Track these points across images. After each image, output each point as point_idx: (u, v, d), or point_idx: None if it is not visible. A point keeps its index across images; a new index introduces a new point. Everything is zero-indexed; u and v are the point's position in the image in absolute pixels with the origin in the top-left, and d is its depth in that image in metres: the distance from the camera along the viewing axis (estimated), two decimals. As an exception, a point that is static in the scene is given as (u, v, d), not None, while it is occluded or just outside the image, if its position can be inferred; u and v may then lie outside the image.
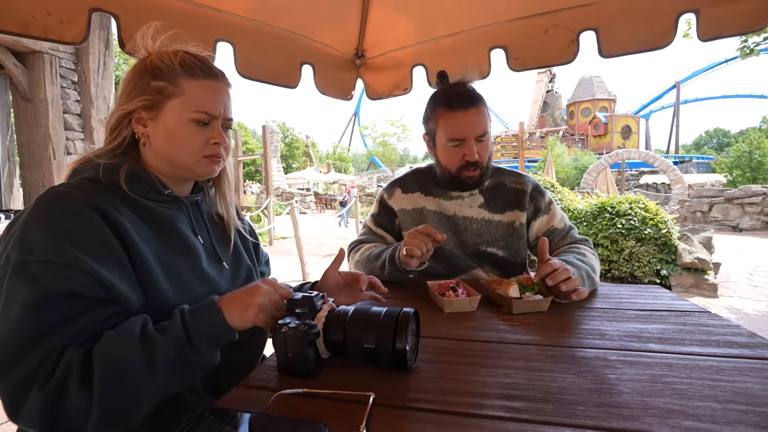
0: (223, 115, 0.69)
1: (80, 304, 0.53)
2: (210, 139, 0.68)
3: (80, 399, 0.49)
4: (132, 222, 0.61)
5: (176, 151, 0.67)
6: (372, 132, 28.53)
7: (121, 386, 0.50)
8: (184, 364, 0.54)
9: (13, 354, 0.50)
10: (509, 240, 1.19)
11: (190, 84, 0.66)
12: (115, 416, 0.50)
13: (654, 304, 0.87)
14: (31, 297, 0.51)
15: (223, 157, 0.71)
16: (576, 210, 4.84)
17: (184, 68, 0.66)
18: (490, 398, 0.50)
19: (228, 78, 0.72)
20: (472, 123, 1.07)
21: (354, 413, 0.46)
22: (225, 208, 0.80)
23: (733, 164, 15.78)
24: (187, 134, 0.67)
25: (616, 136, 27.41)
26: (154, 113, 0.66)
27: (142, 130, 0.67)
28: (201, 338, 0.55)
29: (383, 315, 0.58)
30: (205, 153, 0.69)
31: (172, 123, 0.66)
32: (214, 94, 0.68)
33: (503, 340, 0.69)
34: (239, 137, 9.69)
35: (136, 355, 0.51)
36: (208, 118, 0.67)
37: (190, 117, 0.66)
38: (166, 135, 0.67)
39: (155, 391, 0.53)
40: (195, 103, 0.66)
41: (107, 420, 0.50)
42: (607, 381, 0.54)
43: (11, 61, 3.93)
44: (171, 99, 0.66)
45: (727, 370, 0.57)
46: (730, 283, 4.61)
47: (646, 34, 1.24)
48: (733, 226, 9.38)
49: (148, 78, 0.66)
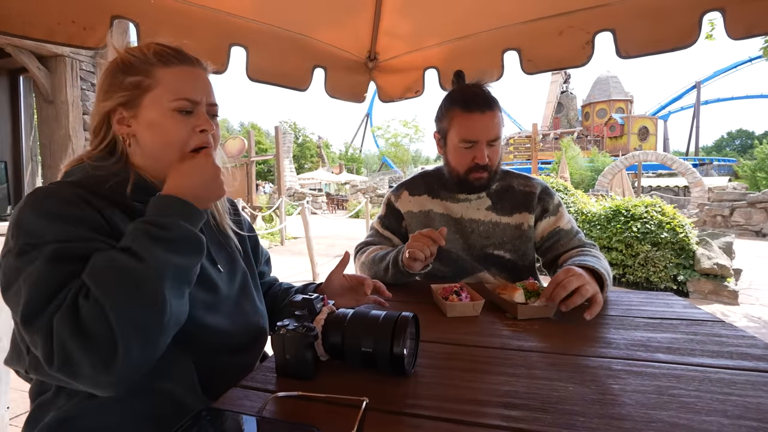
0: (206, 100, 0.66)
1: (95, 243, 0.55)
2: (196, 126, 0.65)
3: (89, 306, 0.49)
4: (122, 221, 0.60)
5: (163, 146, 0.64)
6: (384, 133, 28.56)
7: (115, 279, 0.51)
8: (166, 244, 0.54)
9: (43, 298, 0.50)
10: (517, 243, 1.17)
11: (166, 73, 0.63)
12: (130, 312, 0.50)
13: (664, 312, 0.85)
14: (50, 250, 0.52)
15: (211, 145, 0.68)
16: (590, 213, 4.75)
17: (157, 58, 0.64)
18: (488, 406, 0.49)
19: (205, 63, 0.69)
20: (486, 126, 1.06)
21: (348, 418, 0.46)
22: (217, 208, 0.78)
23: (757, 167, 15.26)
24: (171, 125, 0.63)
25: (632, 137, 26.79)
26: (134, 110, 0.63)
27: (126, 130, 0.64)
28: (166, 216, 0.56)
29: (382, 318, 0.58)
30: (192, 144, 0.65)
31: (153, 117, 0.63)
32: (193, 79, 0.65)
33: (505, 346, 0.68)
34: (252, 138, 9.82)
35: (118, 253, 0.53)
36: (190, 105, 0.64)
37: (171, 107, 0.63)
38: (150, 131, 0.63)
39: (156, 281, 0.52)
40: (174, 92, 0.63)
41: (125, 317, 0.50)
42: (611, 391, 0.52)
43: (35, 64, 4.07)
44: (149, 92, 0.63)
45: (739, 384, 0.54)
46: (752, 290, 4.45)
47: (667, 34, 1.20)
48: (756, 231, 9.06)
49: (122, 75, 0.63)
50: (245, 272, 0.79)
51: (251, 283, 0.79)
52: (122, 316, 0.49)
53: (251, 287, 0.79)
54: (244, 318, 0.74)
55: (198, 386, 0.65)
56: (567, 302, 0.79)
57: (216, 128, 0.69)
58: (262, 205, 10.61)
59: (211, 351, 0.67)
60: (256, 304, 0.78)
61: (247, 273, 0.80)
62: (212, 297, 0.68)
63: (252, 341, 0.75)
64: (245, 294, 0.76)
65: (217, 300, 0.69)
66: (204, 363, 0.66)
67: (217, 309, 0.68)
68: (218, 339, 0.67)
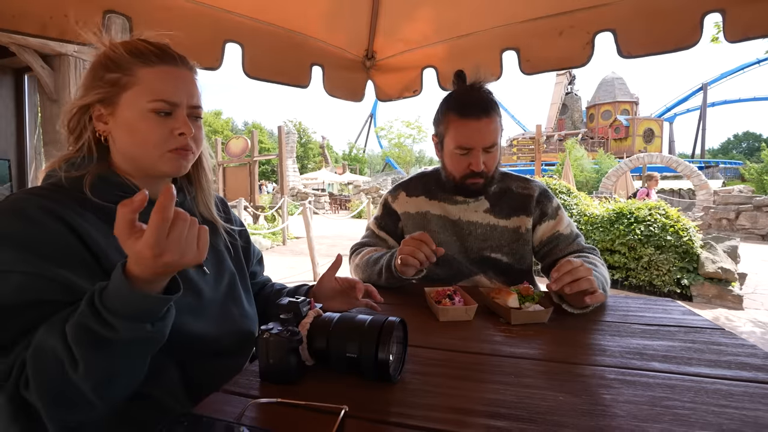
0: (187, 102, 0.64)
1: (46, 308, 0.51)
2: (174, 129, 0.62)
3: (31, 398, 0.49)
4: (98, 229, 0.58)
5: (139, 147, 0.62)
6: (388, 133, 28.53)
7: (49, 387, 0.48)
8: (107, 349, 0.47)
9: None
10: (514, 246, 1.16)
11: (146, 72, 0.61)
12: (66, 404, 0.49)
13: (662, 319, 0.83)
14: (15, 283, 0.50)
15: (191, 149, 0.65)
16: (593, 215, 4.70)
17: (138, 56, 0.61)
18: (473, 416, 0.48)
19: (191, 63, 0.67)
20: (481, 133, 1.04)
21: (328, 425, 0.44)
22: (206, 207, 0.76)
23: (764, 170, 15.09)
24: (147, 127, 0.61)
25: (637, 139, 26.62)
26: (111, 108, 0.62)
27: (103, 127, 0.63)
28: (115, 315, 0.47)
29: (368, 323, 0.56)
30: (170, 146, 0.62)
31: (130, 116, 0.61)
32: (173, 79, 0.63)
33: (496, 352, 0.66)
34: (255, 137, 9.83)
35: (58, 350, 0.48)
36: (168, 107, 0.62)
37: (148, 107, 0.61)
38: (127, 130, 0.62)
39: (93, 386, 0.48)
40: (152, 92, 0.61)
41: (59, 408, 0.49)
42: (602, 402, 0.51)
43: (39, 63, 4.08)
44: (126, 90, 0.61)
45: (736, 395, 0.52)
46: (758, 294, 4.39)
47: (668, 34, 1.19)
48: (762, 235, 8.95)
49: (102, 71, 0.62)
50: (233, 273, 0.77)
51: (239, 285, 0.78)
52: (62, 412, 0.49)
53: (239, 289, 0.77)
54: (230, 322, 0.72)
55: (183, 391, 0.63)
56: (572, 285, 0.79)
57: (198, 131, 0.66)
58: (265, 205, 10.62)
59: (196, 356, 0.65)
60: (243, 307, 0.77)
61: (236, 274, 0.78)
62: (196, 301, 0.67)
63: (239, 346, 0.73)
64: (232, 297, 0.75)
65: (201, 304, 0.67)
66: (190, 367, 0.64)
67: (201, 313, 0.67)
68: (203, 344, 0.66)
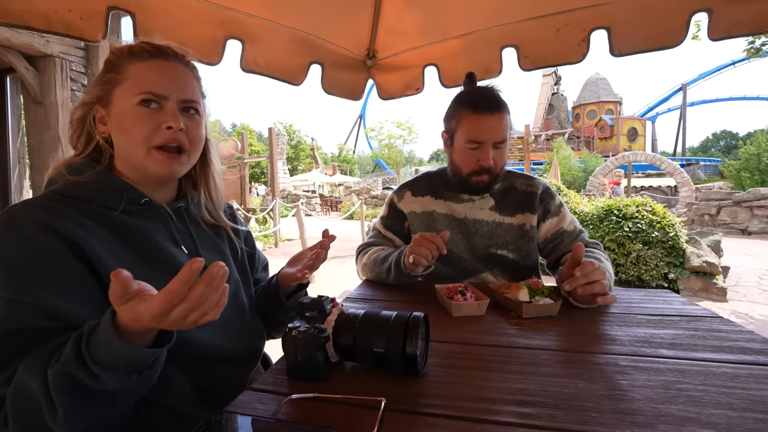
0: (178, 96, 0.61)
1: (29, 337, 0.49)
2: (162, 123, 0.60)
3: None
4: (98, 238, 0.56)
5: (128, 143, 0.60)
6: (378, 134, 28.53)
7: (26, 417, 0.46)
8: (91, 400, 0.46)
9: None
10: (520, 243, 1.19)
11: (136, 67, 0.61)
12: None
13: (664, 309, 0.87)
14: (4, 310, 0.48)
15: (183, 145, 0.62)
16: (582, 213, 4.80)
17: (131, 55, 0.61)
18: (501, 404, 0.50)
19: (188, 58, 0.66)
20: (494, 128, 1.07)
21: (365, 418, 0.46)
22: (213, 212, 0.74)
23: (742, 167, 15.60)
24: (134, 120, 0.59)
25: (622, 138, 27.19)
26: (107, 108, 0.61)
27: (104, 128, 0.62)
28: (101, 365, 0.44)
29: (393, 319, 0.58)
30: (156, 141, 0.60)
31: (120, 112, 0.60)
32: (162, 72, 0.61)
33: (513, 344, 0.69)
34: (245, 139, 9.75)
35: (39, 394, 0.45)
36: (154, 98, 0.60)
37: (135, 101, 0.59)
38: (119, 127, 0.61)
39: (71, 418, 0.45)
40: (139, 85, 0.60)
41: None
42: (620, 387, 0.53)
43: (23, 64, 3.99)
44: (117, 86, 0.60)
45: (741, 377, 0.56)
46: (740, 287, 4.55)
47: (658, 32, 1.23)
48: (742, 230, 9.26)
49: (102, 73, 0.62)
50: (237, 282, 0.75)
51: (243, 294, 0.76)
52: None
53: (242, 297, 0.76)
54: (235, 332, 0.71)
55: (195, 397, 0.63)
56: (586, 287, 0.81)
57: (194, 127, 0.64)
58: (256, 207, 10.53)
59: (204, 364, 0.65)
60: (247, 316, 0.75)
61: (240, 282, 0.76)
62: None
63: (245, 354, 0.72)
64: (235, 305, 0.73)
65: None
66: (199, 375, 0.64)
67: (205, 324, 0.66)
68: (210, 353, 0.66)
